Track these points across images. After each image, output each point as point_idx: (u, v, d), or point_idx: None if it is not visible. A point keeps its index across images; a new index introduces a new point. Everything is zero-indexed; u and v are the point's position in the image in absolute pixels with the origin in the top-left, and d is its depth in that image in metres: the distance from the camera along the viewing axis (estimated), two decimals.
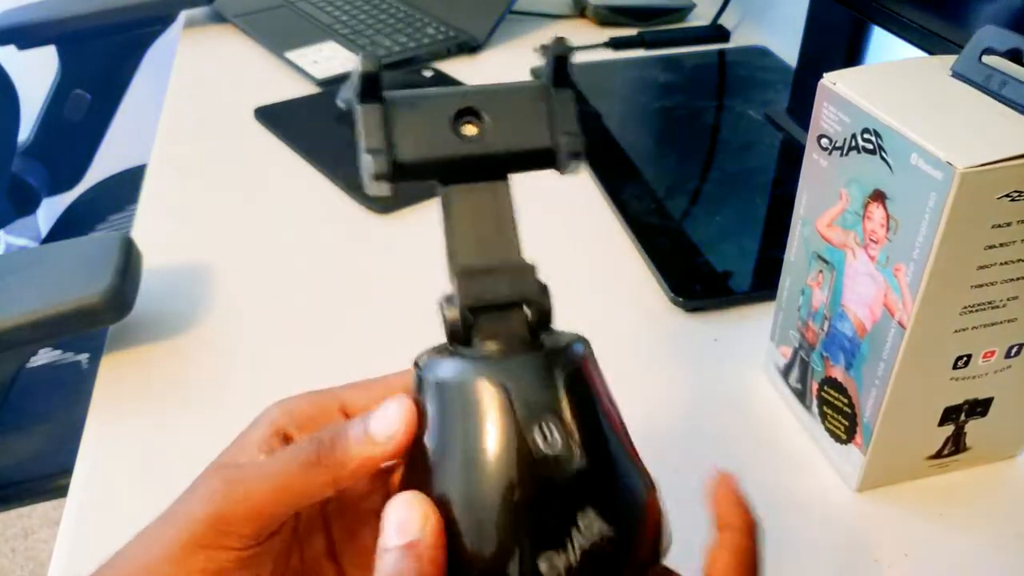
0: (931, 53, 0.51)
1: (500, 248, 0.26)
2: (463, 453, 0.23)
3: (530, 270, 0.25)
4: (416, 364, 0.25)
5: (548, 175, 0.28)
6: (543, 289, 0.25)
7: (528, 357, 0.24)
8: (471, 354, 0.25)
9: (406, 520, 0.22)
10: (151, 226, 0.65)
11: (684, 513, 0.31)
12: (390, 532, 0.22)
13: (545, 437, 0.22)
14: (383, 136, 0.25)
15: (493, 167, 0.27)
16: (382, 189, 0.26)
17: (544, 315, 0.25)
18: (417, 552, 0.22)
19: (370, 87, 0.25)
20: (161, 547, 0.24)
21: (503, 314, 0.25)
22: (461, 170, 0.26)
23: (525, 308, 0.25)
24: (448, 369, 0.24)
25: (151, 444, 0.47)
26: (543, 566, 0.21)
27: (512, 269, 0.25)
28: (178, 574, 0.24)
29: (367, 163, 0.25)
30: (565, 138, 0.27)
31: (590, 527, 0.22)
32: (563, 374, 0.23)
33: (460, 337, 0.25)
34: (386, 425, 0.24)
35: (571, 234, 0.62)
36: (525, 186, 0.30)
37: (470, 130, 0.26)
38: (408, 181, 0.26)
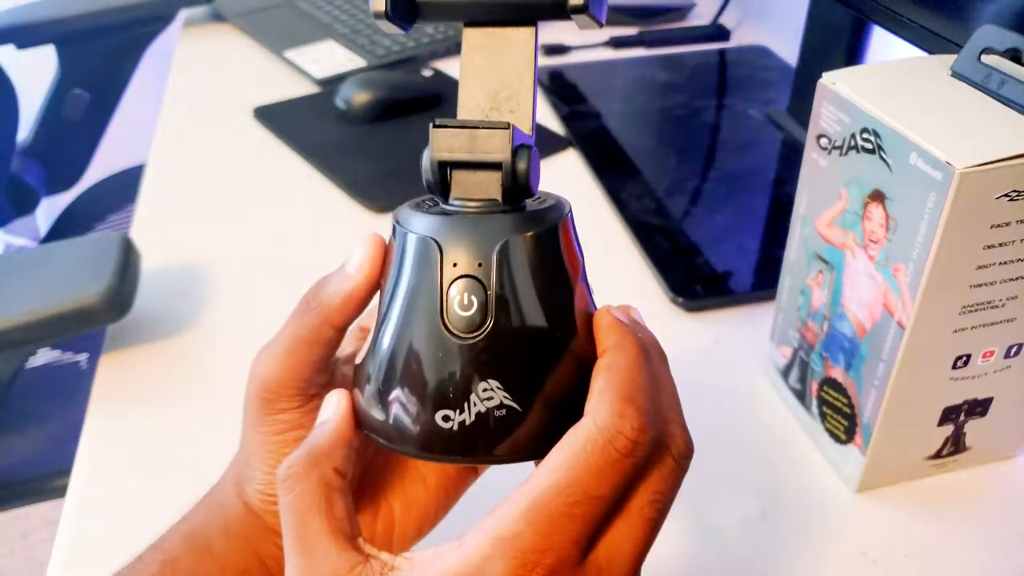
0: (931, 52, 0.50)
1: (503, 104, 0.26)
2: (395, 301, 0.25)
3: (505, 132, 0.24)
4: (395, 212, 0.27)
5: (555, 173, 0.28)
6: (519, 151, 0.25)
7: (478, 218, 0.24)
8: (438, 210, 0.25)
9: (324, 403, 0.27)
10: (150, 226, 0.65)
11: (684, 513, 0.31)
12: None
13: (463, 300, 0.23)
14: None
15: (514, 8, 0.26)
16: (399, 24, 0.26)
17: (519, 179, 0.25)
18: (327, 426, 0.26)
19: None
20: (247, 423, 0.29)
21: (479, 173, 0.25)
22: (481, 7, 0.26)
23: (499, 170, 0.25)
24: (407, 220, 0.25)
25: (150, 444, 0.47)
26: (438, 416, 0.23)
27: (489, 128, 0.24)
28: (259, 437, 0.29)
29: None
30: None
31: (491, 395, 0.23)
32: (504, 241, 0.24)
33: (434, 188, 0.26)
34: (356, 259, 0.27)
35: None
36: None
37: None
38: (429, 20, 0.26)
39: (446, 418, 0.23)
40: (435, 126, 0.25)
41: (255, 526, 0.30)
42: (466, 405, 0.23)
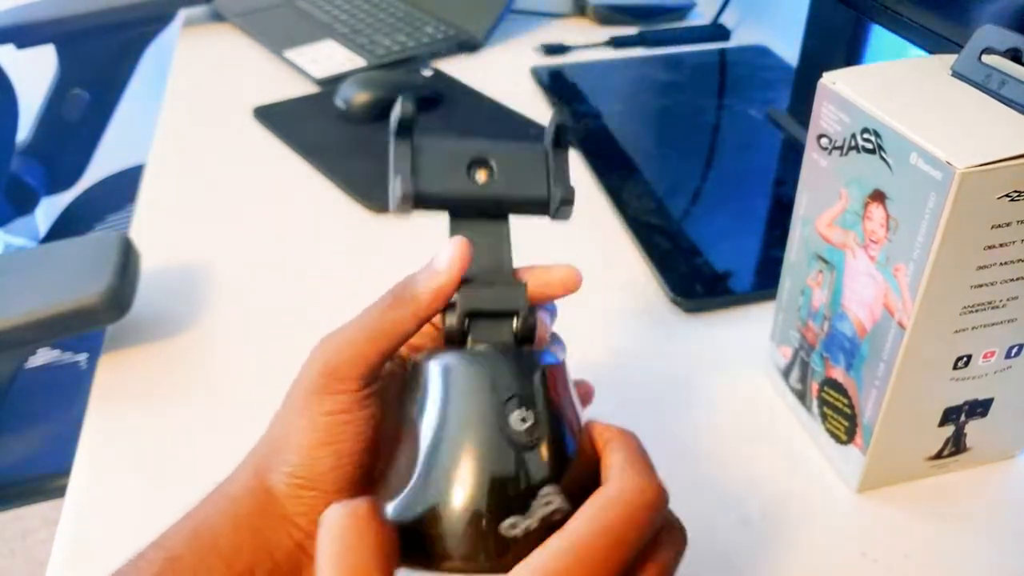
0: (931, 52, 0.50)
1: (496, 272, 0.31)
2: (449, 428, 0.26)
3: (522, 288, 0.30)
4: (412, 359, 0.29)
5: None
6: (531, 307, 0.30)
7: (512, 354, 0.28)
8: (467, 350, 0.29)
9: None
10: (150, 226, 0.65)
11: (684, 513, 0.31)
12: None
13: (522, 419, 0.26)
14: (410, 168, 0.31)
15: (497, 209, 0.32)
16: (404, 210, 0.31)
17: (529, 327, 0.29)
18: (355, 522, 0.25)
19: (405, 128, 0.31)
20: (290, 404, 0.30)
21: (494, 322, 0.29)
22: (469, 208, 0.31)
23: (514, 319, 0.29)
24: (443, 358, 0.28)
25: (149, 444, 0.46)
26: (505, 525, 0.25)
27: (506, 285, 0.30)
28: (305, 417, 0.29)
29: (395, 187, 0.31)
30: (558, 189, 0.32)
31: (549, 500, 0.25)
32: (539, 371, 0.27)
33: (456, 339, 0.29)
34: (445, 257, 0.29)
35: (571, 233, 0.62)
36: None
37: (481, 176, 0.31)
38: (425, 209, 0.31)
39: (513, 526, 0.25)
40: (462, 283, 0.29)
41: (271, 515, 0.30)
42: (530, 512, 0.25)
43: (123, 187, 1.15)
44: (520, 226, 0.33)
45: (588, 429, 0.28)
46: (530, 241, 0.36)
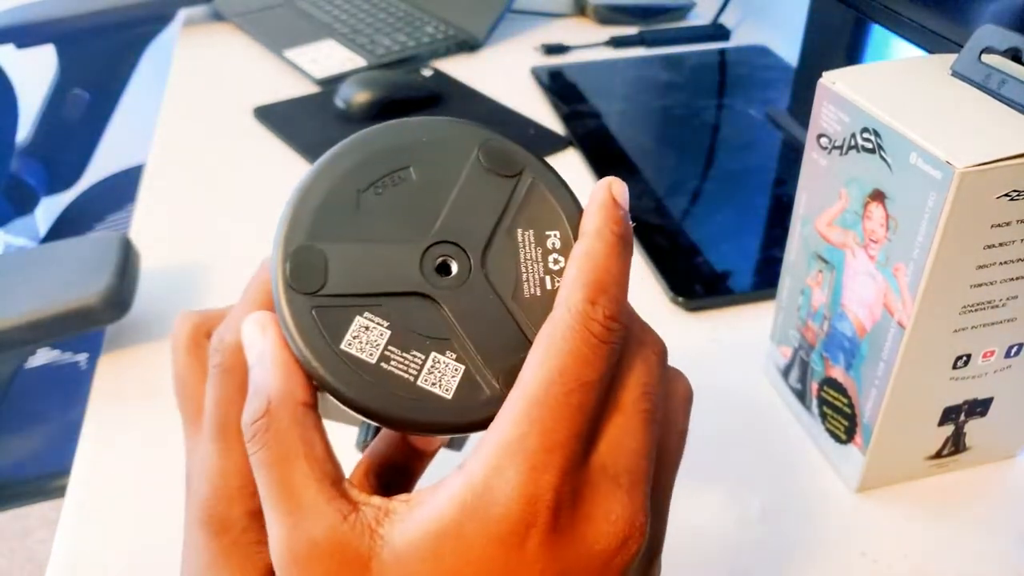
0: (931, 52, 0.50)
1: None
2: None
3: None
4: None
5: (556, 169, 0.29)
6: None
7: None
8: None
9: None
10: (149, 226, 0.65)
11: (684, 512, 0.31)
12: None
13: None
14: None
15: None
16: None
17: None
18: (266, 359, 0.24)
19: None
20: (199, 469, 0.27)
21: None
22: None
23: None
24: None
25: (149, 444, 0.46)
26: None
27: None
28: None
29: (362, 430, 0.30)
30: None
31: None
32: None
33: None
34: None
35: None
36: None
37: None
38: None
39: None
40: None
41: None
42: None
43: (123, 187, 1.16)
44: None
45: (594, 192, 0.25)
46: None
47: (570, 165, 0.70)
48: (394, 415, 0.23)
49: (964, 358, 0.38)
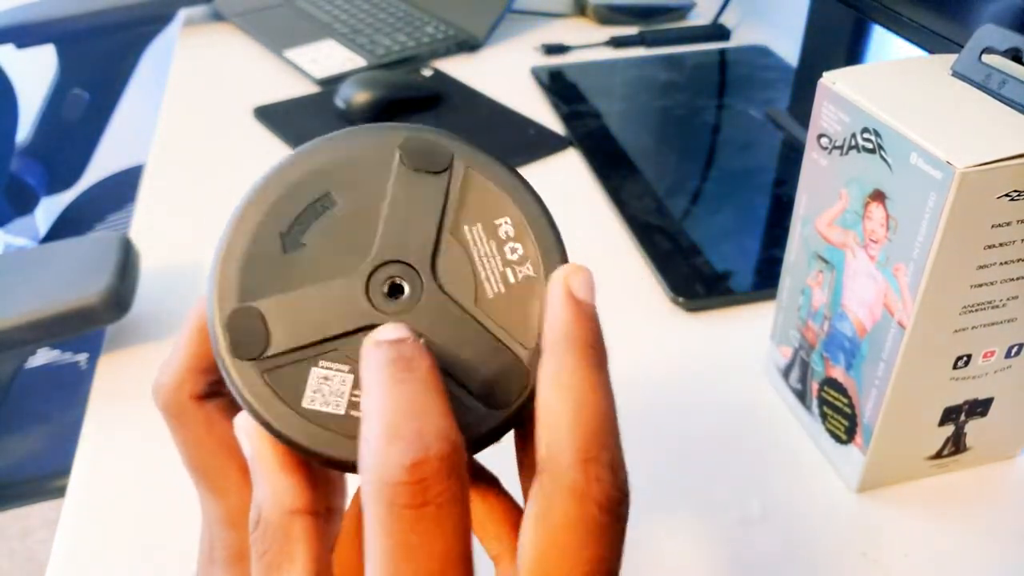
0: (931, 52, 0.50)
1: None
2: None
3: None
4: None
5: (555, 173, 0.28)
6: None
7: None
8: None
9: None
10: (150, 226, 0.65)
11: (684, 512, 0.31)
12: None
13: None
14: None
15: None
16: None
17: None
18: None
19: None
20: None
21: None
22: None
23: None
24: None
25: (149, 444, 0.46)
26: None
27: None
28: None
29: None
30: None
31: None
32: None
33: None
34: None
35: (571, 233, 0.62)
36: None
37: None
38: None
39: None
40: None
41: None
42: None
43: (123, 187, 1.16)
44: None
45: (552, 283, 0.22)
46: None
47: (570, 165, 0.70)
48: None
49: (964, 358, 0.38)
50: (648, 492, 0.43)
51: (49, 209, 1.38)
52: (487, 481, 0.25)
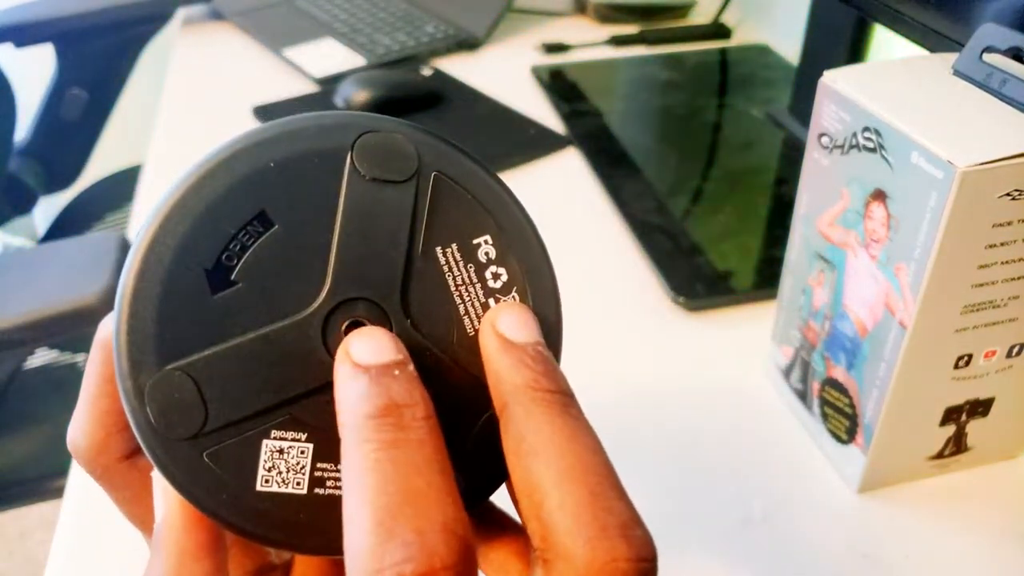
0: (932, 51, 0.50)
1: None
2: None
3: None
4: None
5: (555, 173, 0.28)
6: None
7: None
8: None
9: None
10: None
11: (685, 513, 0.31)
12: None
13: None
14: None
15: None
16: None
17: None
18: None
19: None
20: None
21: None
22: None
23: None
24: None
25: None
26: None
27: None
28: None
29: None
30: None
31: None
32: None
33: None
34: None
35: (571, 233, 0.62)
36: (527, 184, 0.30)
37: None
38: None
39: None
40: None
41: None
42: None
43: (122, 187, 1.15)
44: None
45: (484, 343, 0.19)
46: None
47: (570, 164, 0.70)
48: (338, 549, 0.17)
49: (966, 358, 0.38)
50: (649, 493, 0.42)
51: (48, 209, 1.38)
52: (494, 525, 0.21)
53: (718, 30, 0.93)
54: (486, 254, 0.19)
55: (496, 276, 0.19)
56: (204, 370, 0.17)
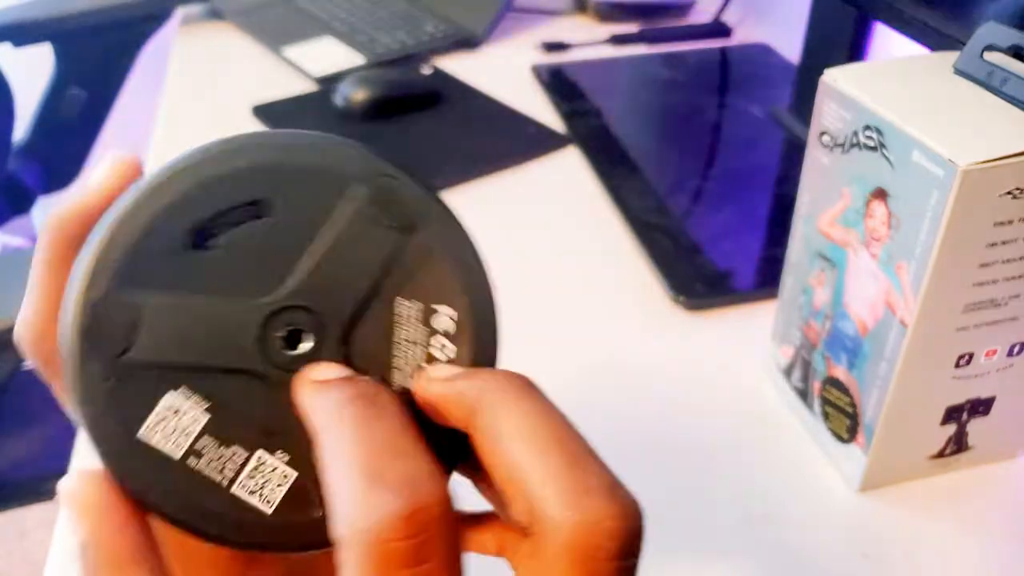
0: (933, 50, 0.50)
1: None
2: None
3: None
4: None
5: (555, 172, 0.28)
6: None
7: None
8: None
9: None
10: None
11: (685, 512, 0.31)
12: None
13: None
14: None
15: None
16: None
17: None
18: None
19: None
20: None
21: None
22: None
23: None
24: None
25: None
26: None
27: None
28: None
29: None
30: None
31: None
32: None
33: None
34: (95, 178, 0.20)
35: (571, 232, 0.62)
36: (527, 183, 0.29)
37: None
38: None
39: None
40: None
41: None
42: None
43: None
44: (520, 225, 0.32)
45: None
46: (530, 240, 0.35)
47: (570, 164, 0.70)
48: (196, 527, 0.19)
49: (967, 357, 0.38)
50: (649, 492, 0.42)
51: (47, 209, 1.38)
52: (471, 518, 0.21)
53: (718, 29, 0.93)
54: (442, 325, 0.20)
55: (443, 347, 0.20)
56: (148, 308, 0.19)
